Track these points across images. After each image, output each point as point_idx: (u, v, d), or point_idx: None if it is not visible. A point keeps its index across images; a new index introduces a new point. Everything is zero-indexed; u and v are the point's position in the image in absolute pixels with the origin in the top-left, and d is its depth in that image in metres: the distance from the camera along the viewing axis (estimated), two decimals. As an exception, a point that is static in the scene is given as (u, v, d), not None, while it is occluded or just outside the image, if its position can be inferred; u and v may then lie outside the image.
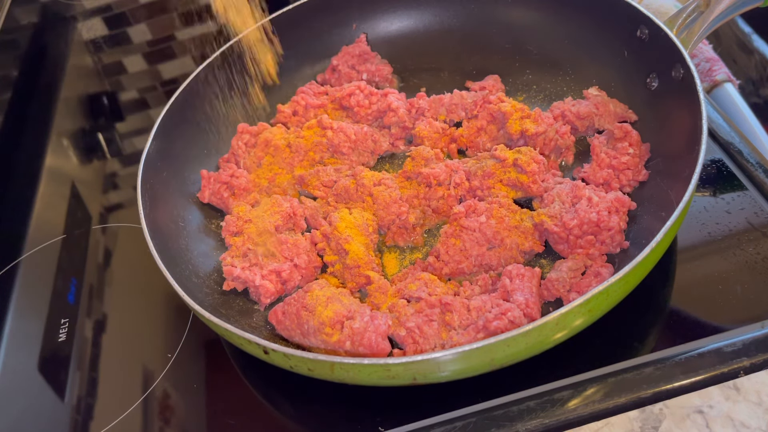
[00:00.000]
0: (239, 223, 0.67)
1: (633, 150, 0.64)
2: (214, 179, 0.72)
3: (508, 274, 0.57)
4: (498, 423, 0.52)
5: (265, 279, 0.62)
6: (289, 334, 0.58)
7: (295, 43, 0.83)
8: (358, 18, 0.85)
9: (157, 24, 1.14)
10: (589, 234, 0.59)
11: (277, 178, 0.73)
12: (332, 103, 0.79)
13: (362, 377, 0.51)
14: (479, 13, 0.82)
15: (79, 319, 0.69)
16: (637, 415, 0.51)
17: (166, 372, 0.63)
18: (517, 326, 0.53)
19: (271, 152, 0.74)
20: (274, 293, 0.62)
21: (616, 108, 0.69)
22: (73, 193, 0.86)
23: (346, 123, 0.74)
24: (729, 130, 0.69)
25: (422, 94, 0.77)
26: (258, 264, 0.63)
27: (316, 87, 0.81)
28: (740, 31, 0.93)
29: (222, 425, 0.58)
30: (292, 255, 0.64)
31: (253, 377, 0.61)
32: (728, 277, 0.58)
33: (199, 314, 0.56)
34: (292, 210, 0.67)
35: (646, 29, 0.67)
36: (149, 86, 1.05)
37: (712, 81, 0.80)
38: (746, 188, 0.64)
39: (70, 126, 0.98)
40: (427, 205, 0.66)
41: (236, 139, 0.75)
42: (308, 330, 0.57)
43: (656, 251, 0.51)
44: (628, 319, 0.56)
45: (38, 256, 0.77)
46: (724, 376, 0.51)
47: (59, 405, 0.62)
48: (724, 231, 0.61)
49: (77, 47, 1.13)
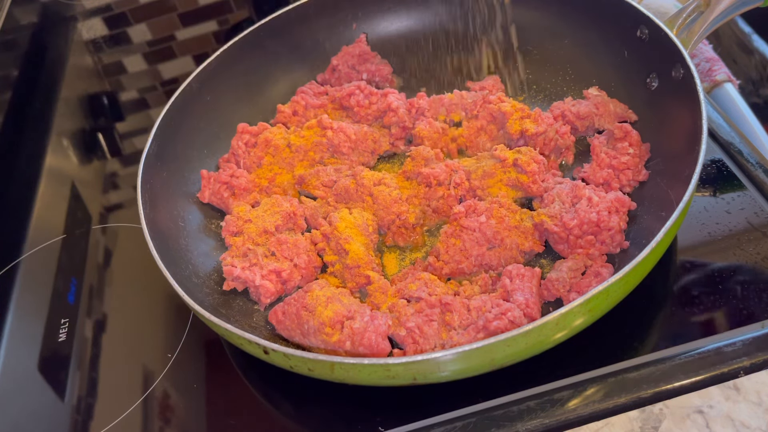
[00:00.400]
0: (239, 223, 0.67)
1: (633, 150, 0.64)
2: (214, 179, 0.72)
3: (508, 274, 0.57)
4: (498, 423, 0.52)
5: (265, 279, 0.62)
6: (289, 334, 0.58)
7: (295, 43, 0.83)
8: (358, 18, 0.85)
9: (157, 24, 1.14)
10: (589, 234, 0.59)
11: (277, 178, 0.73)
12: (332, 103, 0.79)
13: (362, 377, 0.51)
14: (479, 13, 0.82)
15: (79, 319, 0.69)
16: (637, 415, 0.51)
17: (167, 372, 0.63)
18: (517, 326, 0.53)
19: (271, 152, 0.74)
20: (274, 293, 0.62)
21: (616, 108, 0.69)
22: (73, 193, 0.86)
23: (346, 123, 0.75)
24: (729, 130, 0.69)
25: (422, 94, 0.77)
26: (258, 264, 0.63)
27: (316, 87, 0.81)
28: (740, 31, 0.93)
29: (222, 425, 0.58)
30: (292, 255, 0.64)
31: (253, 377, 0.61)
32: (728, 277, 0.58)
33: (199, 314, 0.56)
34: (292, 210, 0.67)
35: (646, 29, 0.67)
36: (149, 86, 1.05)
37: (712, 81, 0.80)
38: (746, 188, 0.64)
39: (70, 126, 0.98)
40: (427, 205, 0.66)
41: (236, 139, 0.75)
42: (308, 330, 0.57)
43: (656, 251, 0.51)
44: (628, 319, 0.56)
45: (38, 256, 0.77)
46: (724, 376, 0.51)
47: (59, 405, 0.62)
48: (724, 231, 0.61)
49: (77, 47, 1.13)
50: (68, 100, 1.02)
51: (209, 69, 0.77)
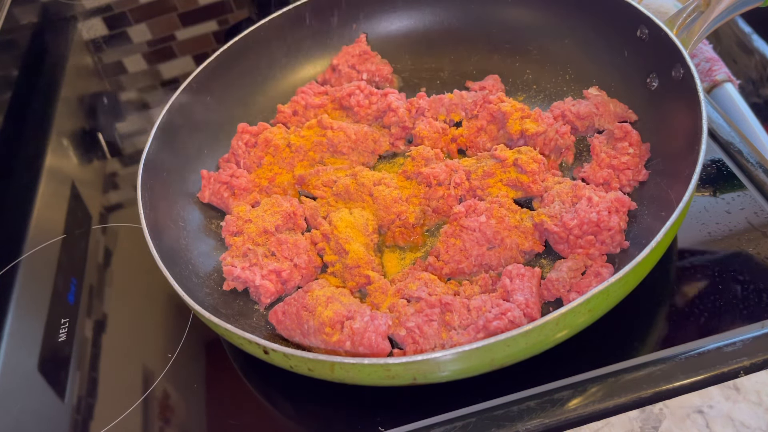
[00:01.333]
0: (239, 223, 0.67)
1: (633, 150, 0.64)
2: (215, 179, 0.72)
3: (508, 274, 0.57)
4: (498, 423, 0.52)
5: (265, 279, 0.62)
6: (289, 334, 0.58)
7: (295, 43, 0.83)
8: (358, 18, 0.85)
9: (157, 24, 1.14)
10: (589, 234, 0.59)
11: (277, 178, 0.73)
12: (332, 103, 0.79)
13: (362, 377, 0.51)
14: (479, 12, 0.82)
15: (79, 319, 0.69)
16: (637, 415, 0.51)
17: (167, 372, 0.63)
18: (517, 326, 0.53)
19: (271, 152, 0.74)
20: (274, 293, 0.62)
21: (616, 108, 0.69)
22: (74, 192, 0.86)
23: (347, 123, 0.75)
24: (729, 130, 0.69)
25: (422, 94, 0.77)
26: (258, 264, 0.63)
27: (316, 87, 0.81)
28: (740, 31, 0.93)
29: (222, 425, 0.58)
30: (292, 255, 0.64)
31: (253, 377, 0.61)
32: (728, 277, 0.58)
33: (199, 314, 0.56)
34: (292, 210, 0.67)
35: (646, 29, 0.67)
36: (149, 86, 1.05)
37: (712, 81, 0.80)
38: (746, 188, 0.64)
39: (70, 126, 0.98)
40: (427, 204, 0.66)
41: (236, 139, 0.75)
42: (308, 330, 0.57)
43: (656, 251, 0.51)
44: (628, 319, 0.56)
45: (38, 255, 0.77)
46: (724, 376, 0.51)
47: (59, 405, 0.62)
48: (724, 231, 0.61)
49: (77, 47, 1.13)
50: (68, 99, 1.02)
51: (209, 69, 0.77)
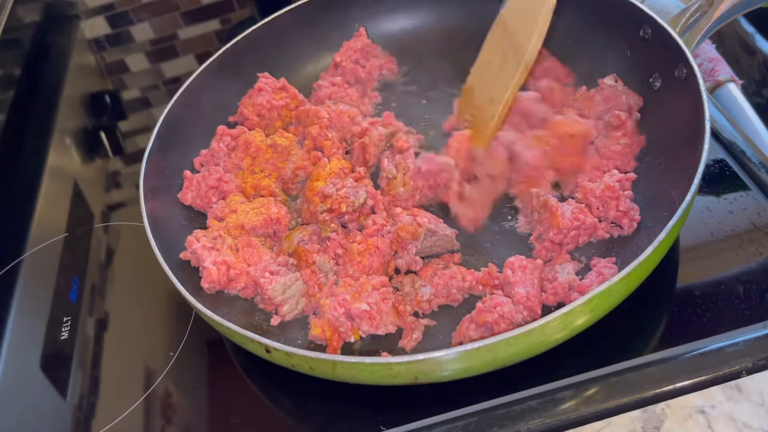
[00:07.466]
0: (226, 210, 0.67)
1: (625, 140, 0.65)
2: (203, 183, 0.70)
3: (510, 266, 0.58)
4: (499, 422, 0.52)
5: (214, 265, 0.61)
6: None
7: (297, 42, 0.83)
8: (361, 18, 0.85)
9: (160, 23, 1.15)
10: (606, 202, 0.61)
11: (262, 182, 0.71)
12: (293, 100, 0.77)
13: (364, 376, 0.51)
14: (482, 12, 0.81)
15: (81, 317, 0.69)
16: (638, 415, 0.50)
17: (168, 370, 0.63)
18: (507, 321, 0.54)
19: (252, 153, 0.72)
20: (215, 282, 0.61)
21: (628, 99, 0.68)
22: (76, 191, 0.86)
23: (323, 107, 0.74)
24: (732, 130, 0.69)
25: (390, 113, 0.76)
26: (217, 249, 0.63)
27: (272, 82, 0.78)
28: (743, 31, 0.93)
29: (224, 424, 0.58)
30: (250, 261, 0.63)
31: (254, 376, 0.61)
32: (731, 277, 0.58)
33: (201, 313, 0.56)
34: (277, 216, 0.67)
35: (649, 29, 0.67)
36: (152, 85, 1.05)
37: (715, 81, 0.80)
38: (749, 188, 0.64)
39: (72, 124, 0.98)
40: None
41: (216, 140, 0.74)
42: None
43: (659, 251, 0.51)
44: (630, 318, 0.56)
45: (40, 254, 0.78)
46: (726, 376, 0.51)
47: (61, 403, 0.62)
48: (726, 231, 0.61)
49: (80, 46, 1.13)
50: (71, 98, 1.02)
51: (212, 68, 0.77)
